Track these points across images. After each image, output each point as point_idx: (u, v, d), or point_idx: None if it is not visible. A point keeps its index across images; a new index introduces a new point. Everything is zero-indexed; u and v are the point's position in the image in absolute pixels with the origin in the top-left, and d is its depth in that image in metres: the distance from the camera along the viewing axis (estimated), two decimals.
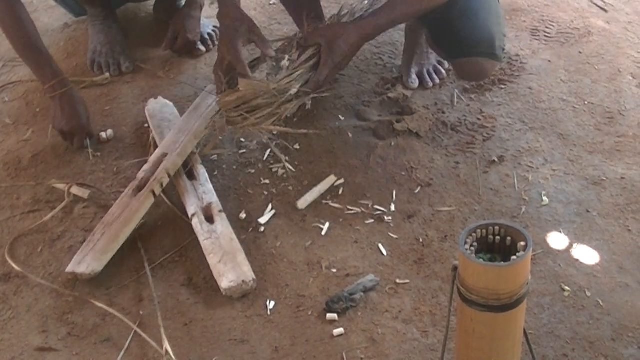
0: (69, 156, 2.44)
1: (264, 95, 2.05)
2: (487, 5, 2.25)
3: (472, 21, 2.20)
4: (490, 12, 2.25)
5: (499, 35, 2.24)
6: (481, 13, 2.21)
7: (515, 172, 2.29)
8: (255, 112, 2.06)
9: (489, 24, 2.22)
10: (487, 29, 2.21)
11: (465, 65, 2.29)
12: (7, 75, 2.82)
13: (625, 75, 2.65)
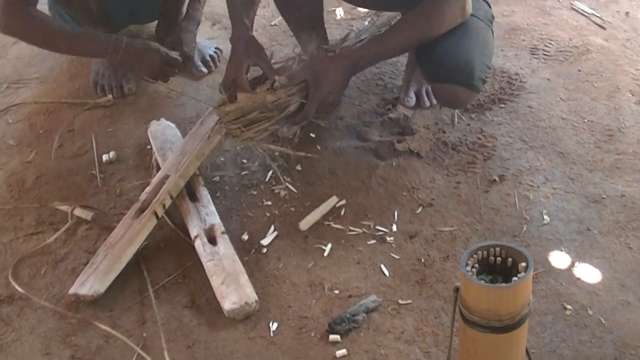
0: (72, 178, 2.44)
1: (262, 109, 2.10)
2: (474, 34, 2.23)
3: (454, 48, 2.17)
4: (476, 42, 2.23)
5: (480, 66, 2.21)
6: (465, 41, 2.19)
7: (516, 191, 2.29)
8: (254, 126, 2.10)
9: (472, 53, 2.20)
10: (468, 58, 2.19)
11: (441, 90, 2.27)
12: (10, 97, 2.82)
13: (624, 93, 2.66)
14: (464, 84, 2.20)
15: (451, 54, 2.18)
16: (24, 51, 3.04)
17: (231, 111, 2.11)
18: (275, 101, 2.11)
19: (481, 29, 2.29)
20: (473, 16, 2.24)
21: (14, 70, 2.96)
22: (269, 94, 2.12)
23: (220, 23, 3.11)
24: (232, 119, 2.11)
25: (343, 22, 3.04)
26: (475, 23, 2.26)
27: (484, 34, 2.29)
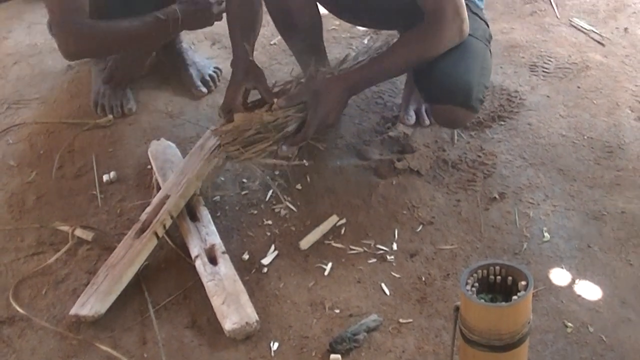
0: (73, 198, 2.45)
1: (260, 129, 2.12)
2: (472, 54, 2.25)
3: (452, 69, 2.19)
4: (474, 62, 2.24)
5: (478, 86, 2.23)
6: (463, 62, 2.21)
7: (516, 208, 2.30)
8: (252, 147, 2.12)
9: (470, 73, 2.21)
10: (465, 78, 2.20)
11: (439, 111, 2.29)
12: (11, 117, 2.84)
13: (623, 109, 2.67)
14: (462, 105, 2.21)
15: (449, 75, 2.19)
16: (24, 71, 3.07)
17: (229, 131, 2.13)
18: (274, 122, 2.13)
19: (479, 48, 2.30)
20: (471, 36, 2.26)
21: (15, 91, 2.98)
22: (267, 114, 2.14)
23: (220, 43, 3.13)
24: (230, 139, 2.13)
25: (342, 41, 3.06)
26: (473, 43, 2.27)
27: (481, 54, 2.31)
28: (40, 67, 3.08)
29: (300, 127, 2.16)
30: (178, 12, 2.52)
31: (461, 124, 2.44)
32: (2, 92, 2.97)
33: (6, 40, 3.29)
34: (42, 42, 3.20)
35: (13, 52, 3.21)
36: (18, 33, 3.33)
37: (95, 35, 2.45)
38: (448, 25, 2.15)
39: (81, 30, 2.42)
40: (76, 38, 2.43)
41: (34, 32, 3.28)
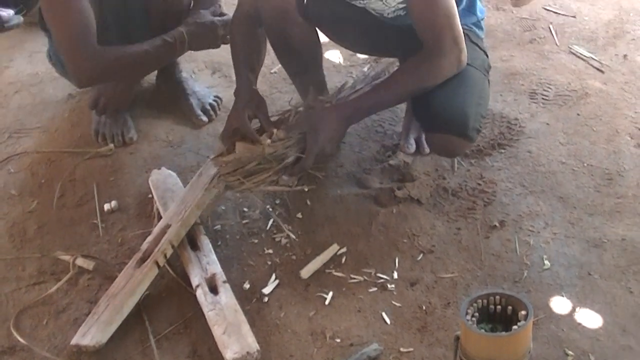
0: (74, 227, 2.47)
1: (260, 160, 2.14)
2: (470, 83, 2.27)
3: (449, 98, 2.21)
4: (472, 92, 2.27)
5: (475, 116, 2.25)
6: (461, 91, 2.23)
7: (517, 236, 2.32)
8: (252, 177, 2.15)
9: (467, 103, 2.23)
10: (462, 108, 2.22)
11: (436, 139, 2.31)
12: (12, 147, 2.86)
13: (623, 136, 2.69)
14: (458, 134, 2.23)
15: (446, 104, 2.21)
16: (25, 100, 3.09)
17: (229, 161, 2.16)
18: (274, 152, 2.16)
19: (477, 78, 2.33)
20: (469, 65, 2.28)
21: (16, 120, 3.00)
22: (268, 145, 2.17)
23: (220, 71, 3.16)
24: (230, 170, 2.16)
25: (342, 69, 3.09)
26: (471, 72, 2.30)
27: (479, 84, 2.33)
28: (42, 96, 3.11)
29: (300, 157, 2.18)
30: (185, 35, 2.57)
31: (458, 154, 2.46)
32: (4, 121, 2.99)
33: (7, 69, 3.32)
34: (44, 71, 3.23)
35: (14, 81, 3.23)
36: (19, 62, 3.36)
37: (107, 61, 2.51)
38: (446, 55, 2.17)
39: (93, 57, 2.47)
40: (89, 64, 2.48)
41: (35, 61, 3.30)
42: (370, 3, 2.31)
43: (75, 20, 2.44)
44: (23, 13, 3.49)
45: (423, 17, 2.16)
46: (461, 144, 2.28)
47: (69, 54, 2.50)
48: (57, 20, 2.48)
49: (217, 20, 2.65)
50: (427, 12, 2.14)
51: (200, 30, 2.63)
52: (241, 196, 2.46)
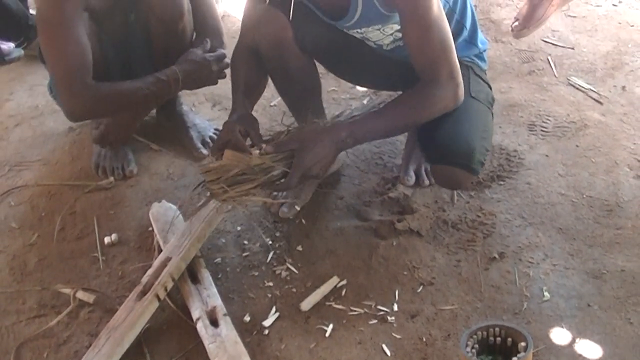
0: (75, 260, 2.50)
1: (246, 170, 2.11)
2: (475, 116, 2.31)
3: (455, 131, 2.24)
4: (477, 125, 2.30)
5: (479, 149, 2.28)
6: (466, 124, 2.26)
7: (516, 268, 2.35)
8: (236, 187, 2.11)
9: (472, 136, 2.27)
10: (467, 140, 2.25)
11: (440, 171, 2.32)
12: (12, 179, 2.89)
13: (622, 167, 2.73)
14: (463, 167, 2.25)
15: (452, 136, 2.24)
16: (26, 133, 3.13)
17: (214, 168, 2.13)
18: (261, 164, 2.13)
19: (482, 111, 2.37)
20: (474, 99, 2.33)
21: (16, 153, 3.03)
22: (256, 157, 2.14)
23: (220, 104, 3.20)
24: (215, 177, 2.12)
25: (341, 101, 3.13)
26: (476, 106, 2.34)
27: (484, 117, 2.37)
28: (42, 129, 3.14)
29: (286, 174, 2.16)
30: (178, 73, 2.61)
31: (461, 186, 2.48)
32: (4, 153, 3.03)
33: (8, 102, 3.35)
34: (44, 104, 3.27)
35: (15, 114, 3.27)
36: (20, 95, 3.40)
37: (100, 97, 2.54)
38: (441, 88, 2.19)
39: (86, 92, 2.51)
40: (82, 99, 2.51)
41: (35, 94, 3.35)
42: (368, 32, 2.35)
43: (71, 54, 2.48)
44: (24, 46, 3.56)
45: (418, 49, 2.18)
46: (465, 176, 2.30)
47: (62, 88, 2.54)
48: (53, 53, 2.52)
49: (209, 57, 2.68)
50: (422, 43, 2.17)
51: (192, 67, 2.65)
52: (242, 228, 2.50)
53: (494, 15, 3.68)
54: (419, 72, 2.21)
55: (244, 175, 2.10)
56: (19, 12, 3.49)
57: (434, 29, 2.15)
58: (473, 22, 2.50)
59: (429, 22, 2.13)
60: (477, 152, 2.26)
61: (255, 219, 2.57)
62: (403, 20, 2.17)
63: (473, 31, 2.50)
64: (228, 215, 2.54)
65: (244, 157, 2.14)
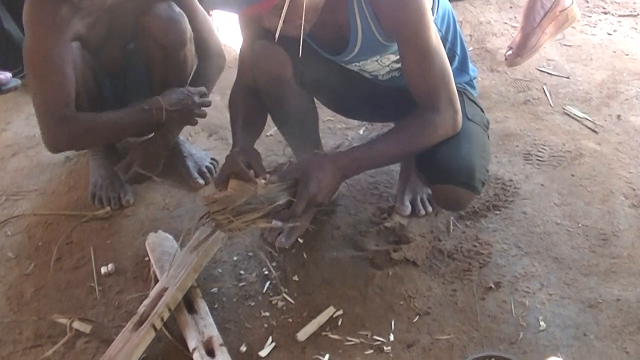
0: (71, 290, 2.51)
1: (251, 200, 2.12)
2: (473, 138, 2.35)
3: (455, 149, 2.27)
4: (475, 145, 2.34)
5: (480, 168, 2.31)
6: (465, 144, 2.29)
7: (512, 297, 2.37)
8: (241, 216, 2.11)
9: (472, 155, 2.30)
10: (468, 159, 2.29)
11: (442, 191, 2.34)
12: (9, 209, 2.90)
13: (617, 196, 2.75)
14: (465, 185, 2.28)
15: (451, 155, 2.27)
16: (22, 163, 3.15)
17: (219, 199, 2.13)
18: (266, 194, 2.14)
19: (479, 133, 2.41)
20: (471, 121, 2.38)
21: (13, 182, 3.05)
22: (260, 187, 2.15)
23: (217, 134, 3.22)
24: (220, 208, 2.12)
25: (338, 132, 3.16)
26: (473, 127, 2.38)
27: (482, 138, 2.41)
28: (39, 158, 3.16)
29: (291, 203, 2.17)
30: (161, 102, 2.63)
31: (463, 206, 2.49)
32: (1, 183, 3.04)
33: (5, 131, 3.38)
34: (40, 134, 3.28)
35: (11, 144, 3.29)
36: (17, 125, 3.42)
37: (80, 128, 2.56)
38: (441, 114, 2.22)
39: (66, 123, 2.54)
40: (61, 131, 2.55)
41: (32, 124, 3.35)
42: (366, 65, 2.39)
43: (51, 85, 2.52)
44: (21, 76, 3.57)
45: (418, 76, 2.22)
46: (467, 195, 2.33)
47: (41, 119, 2.57)
48: (34, 83, 2.55)
49: (192, 89, 2.72)
50: (421, 70, 2.20)
51: (176, 97, 2.67)
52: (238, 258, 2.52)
53: (489, 44, 3.72)
54: (418, 100, 2.24)
55: (249, 205, 2.11)
56: (19, 40, 3.52)
57: (433, 56, 2.19)
58: (463, 49, 2.54)
59: (428, 49, 2.18)
60: (477, 171, 2.29)
61: (251, 249, 2.59)
62: (402, 48, 2.21)
63: (464, 58, 2.55)
64: (224, 245, 2.56)
65: (249, 186, 2.15)
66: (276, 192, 2.15)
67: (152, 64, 2.76)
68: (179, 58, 2.73)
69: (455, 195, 2.32)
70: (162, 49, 2.69)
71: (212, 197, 2.15)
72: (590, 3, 4.05)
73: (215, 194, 2.16)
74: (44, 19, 2.49)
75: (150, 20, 2.64)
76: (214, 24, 2.95)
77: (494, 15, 3.96)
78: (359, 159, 2.21)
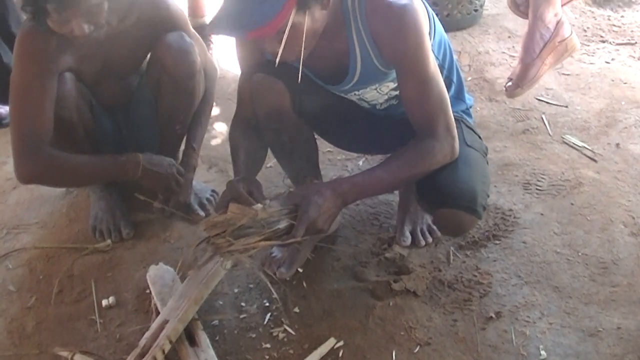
0: (73, 323, 2.53)
1: (251, 224, 2.11)
2: (473, 163, 2.38)
3: (456, 174, 2.30)
4: (476, 171, 2.38)
5: (481, 193, 2.34)
6: (466, 169, 2.32)
7: (513, 327, 2.39)
8: (241, 240, 2.10)
9: (473, 179, 2.34)
10: (470, 183, 2.32)
11: (444, 216, 2.36)
12: (10, 243, 2.93)
13: (617, 225, 2.79)
14: (467, 209, 2.31)
15: (453, 180, 2.30)
16: (23, 196, 3.18)
17: (219, 222, 2.13)
18: (266, 218, 2.13)
19: (479, 159, 2.45)
20: (470, 147, 2.41)
21: (14, 215, 3.08)
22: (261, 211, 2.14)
23: (217, 166, 3.25)
24: (219, 231, 2.12)
25: (338, 163, 3.20)
26: (473, 153, 2.42)
27: (481, 164, 2.46)
28: (40, 191, 3.18)
29: (291, 228, 2.16)
30: (140, 158, 2.67)
31: (465, 230, 2.51)
32: (2, 217, 3.07)
33: (5, 165, 3.41)
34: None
35: (12, 177, 3.22)
36: None
37: (51, 166, 2.59)
38: (439, 140, 2.25)
39: (37, 158, 2.57)
40: (31, 164, 2.58)
41: None
42: (365, 93, 2.44)
43: (27, 117, 2.55)
44: None
45: (416, 103, 2.25)
46: (469, 219, 2.35)
47: (14, 148, 2.60)
48: (13, 113, 2.59)
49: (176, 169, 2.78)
50: (420, 97, 2.24)
51: (157, 160, 2.72)
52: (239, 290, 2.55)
53: (487, 74, 3.77)
54: (416, 126, 2.28)
55: (248, 229, 2.11)
56: None
57: (432, 83, 2.23)
58: (459, 77, 2.59)
59: (427, 76, 2.22)
60: (479, 195, 2.32)
61: (252, 280, 2.62)
62: (401, 75, 2.25)
63: (460, 86, 2.60)
64: (225, 277, 2.59)
65: (248, 210, 2.14)
66: (276, 216, 2.14)
67: (161, 94, 2.79)
68: (188, 88, 2.76)
69: (457, 219, 2.35)
70: (171, 79, 2.72)
71: (211, 220, 2.15)
72: (589, 32, 4.12)
73: (214, 218, 2.16)
74: (30, 52, 2.53)
75: (161, 49, 2.69)
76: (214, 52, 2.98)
77: (492, 45, 4.03)
78: (358, 184, 2.21)
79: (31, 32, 2.50)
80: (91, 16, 2.37)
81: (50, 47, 2.52)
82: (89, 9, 2.35)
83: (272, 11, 1.97)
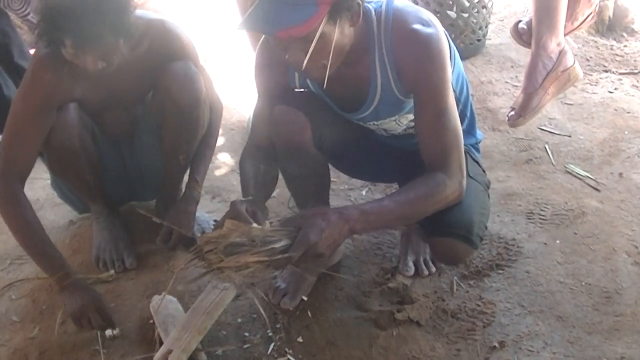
0: (76, 354, 2.55)
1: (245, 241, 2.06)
2: (473, 194, 2.40)
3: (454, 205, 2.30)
4: (475, 201, 2.40)
5: (479, 223, 2.38)
6: (465, 199, 2.32)
7: (516, 356, 2.42)
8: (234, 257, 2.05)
9: (471, 210, 2.36)
10: (467, 213, 2.34)
11: (440, 244, 2.38)
12: (14, 273, 2.95)
13: (620, 254, 2.82)
14: (463, 239, 2.33)
15: (451, 210, 2.30)
16: None
17: (214, 237, 2.08)
18: (262, 236, 2.05)
19: (479, 190, 2.49)
20: (472, 179, 2.43)
21: (17, 246, 3.00)
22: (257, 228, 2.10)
23: (220, 196, 3.28)
24: (213, 247, 2.07)
25: (341, 193, 3.23)
26: (474, 185, 2.45)
27: (482, 196, 2.49)
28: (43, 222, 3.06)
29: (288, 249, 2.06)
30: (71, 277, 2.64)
31: (460, 260, 2.55)
32: (5, 247, 3.09)
33: None
34: (44, 197, 3.35)
35: None
36: None
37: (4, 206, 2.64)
38: (451, 177, 2.24)
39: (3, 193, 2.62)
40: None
41: (36, 188, 3.40)
42: (384, 124, 2.47)
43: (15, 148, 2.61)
44: None
45: (432, 134, 2.25)
46: (464, 249, 2.38)
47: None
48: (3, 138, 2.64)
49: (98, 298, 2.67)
50: (436, 128, 2.24)
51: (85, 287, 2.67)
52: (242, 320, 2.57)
53: (490, 104, 3.82)
54: (428, 159, 2.27)
55: (242, 247, 2.06)
56: None
57: (449, 115, 2.25)
58: (472, 112, 2.63)
59: (445, 107, 2.23)
60: (476, 226, 2.35)
61: (255, 310, 2.64)
62: (419, 103, 2.27)
63: (472, 121, 2.64)
64: (229, 307, 2.60)
65: (244, 226, 2.09)
66: (274, 236, 2.08)
67: (165, 122, 2.81)
68: (192, 117, 2.78)
69: (453, 249, 2.38)
70: (176, 107, 2.74)
71: (206, 236, 2.12)
72: (591, 61, 4.17)
73: (209, 234, 2.13)
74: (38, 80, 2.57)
75: (167, 77, 2.71)
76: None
77: (495, 74, 4.08)
78: (367, 213, 2.13)
79: (44, 59, 2.54)
80: (107, 55, 2.42)
81: (60, 78, 2.56)
82: (106, 49, 2.39)
83: (305, 14, 2.00)
